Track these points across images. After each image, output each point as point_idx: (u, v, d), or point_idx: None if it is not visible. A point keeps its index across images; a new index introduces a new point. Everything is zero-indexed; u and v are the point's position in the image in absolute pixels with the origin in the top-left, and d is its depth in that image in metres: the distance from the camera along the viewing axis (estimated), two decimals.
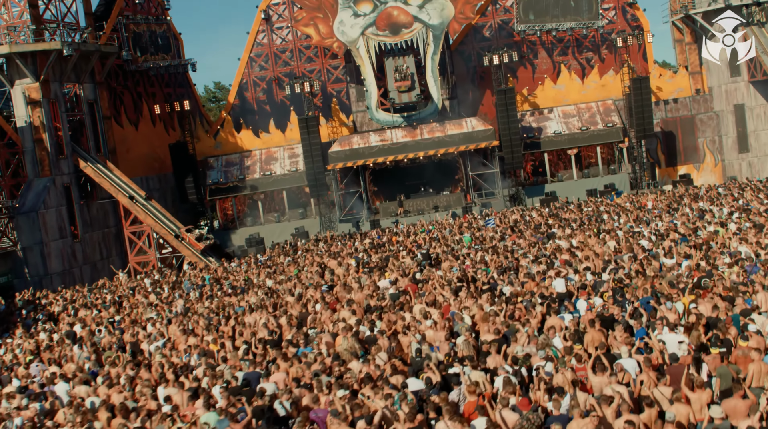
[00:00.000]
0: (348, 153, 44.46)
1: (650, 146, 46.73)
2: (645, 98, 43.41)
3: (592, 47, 48.45)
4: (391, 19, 43.90)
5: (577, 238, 26.18)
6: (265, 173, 46.61)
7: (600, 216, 31.45)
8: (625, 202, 35.77)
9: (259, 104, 49.32)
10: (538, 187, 45.88)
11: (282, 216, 47.15)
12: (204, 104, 68.33)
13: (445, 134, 44.30)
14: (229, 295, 25.74)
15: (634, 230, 26.35)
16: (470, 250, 27.32)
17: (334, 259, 29.80)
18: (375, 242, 33.19)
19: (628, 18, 48.05)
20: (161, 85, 47.39)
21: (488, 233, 30.52)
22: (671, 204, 32.23)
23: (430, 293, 20.51)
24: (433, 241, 30.36)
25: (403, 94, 43.78)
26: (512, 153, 43.40)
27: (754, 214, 26.08)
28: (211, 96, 71.16)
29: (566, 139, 45.63)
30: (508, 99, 43.04)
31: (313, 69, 49.12)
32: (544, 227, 30.43)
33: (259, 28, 48.84)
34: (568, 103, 47.35)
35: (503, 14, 48.38)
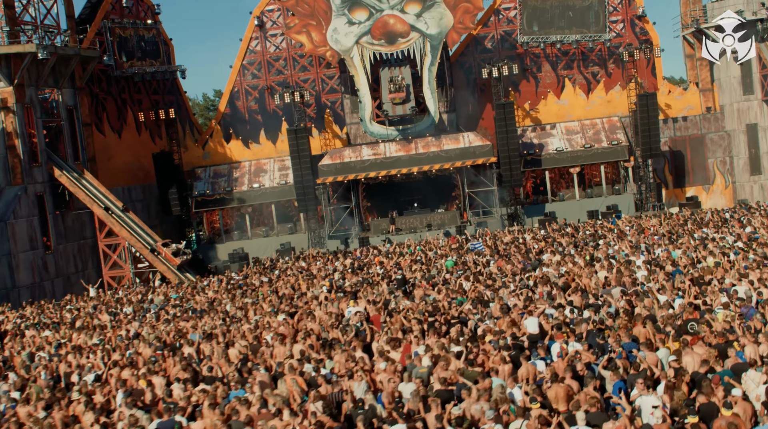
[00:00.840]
0: (339, 166, 42.54)
1: (657, 166, 44.54)
2: (652, 115, 41.27)
3: (599, 61, 46.38)
4: (387, 27, 42.05)
5: (567, 265, 24.08)
6: (253, 185, 44.79)
7: (596, 241, 29.31)
8: (626, 225, 33.60)
9: (250, 114, 47.55)
10: (538, 206, 43.76)
11: (270, 230, 45.27)
12: (202, 113, 66.87)
13: (440, 149, 42.32)
14: (187, 320, 23.78)
15: (629, 259, 24.21)
16: (451, 276, 25.27)
17: (308, 281, 27.86)
18: (356, 264, 31.21)
19: (637, 31, 45.97)
20: (148, 92, 45.69)
21: (475, 257, 28.45)
22: (673, 229, 30.04)
23: (395, 327, 18.49)
24: (415, 265, 28.32)
25: (398, 107, 41.84)
26: (511, 170, 41.34)
27: (759, 244, 23.87)
28: (209, 104, 69.53)
29: (568, 157, 43.51)
30: (508, 113, 41.02)
31: (308, 78, 47.30)
32: (535, 251, 28.37)
33: (252, 34, 47.12)
34: (571, 118, 45.27)
35: (506, 25, 46.42)
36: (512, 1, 45.86)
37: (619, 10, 45.99)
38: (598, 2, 44.37)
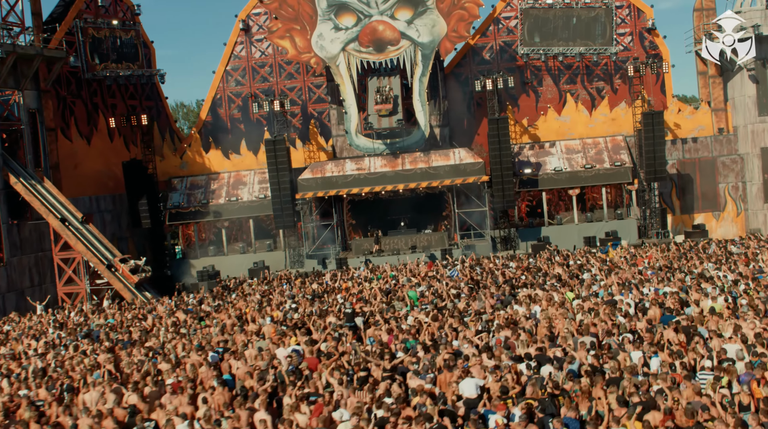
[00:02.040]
0: (320, 181, 39.79)
1: (664, 190, 41.41)
2: (658, 135, 38.20)
3: (604, 76, 43.36)
4: (375, 34, 39.33)
5: (541, 303, 21.13)
6: (230, 199, 42.10)
7: (584, 273, 26.30)
8: (622, 254, 30.53)
9: (233, 122, 44.97)
10: (533, 229, 40.73)
11: (248, 247, 42.56)
12: (195, 120, 64.37)
13: (429, 165, 39.46)
14: (110, 351, 21.04)
15: (614, 298, 21.22)
16: (411, 310, 22.39)
17: (259, 309, 25.07)
18: (319, 289, 28.40)
19: (646, 45, 42.94)
20: (124, 97, 43.23)
21: (446, 288, 25.53)
22: (671, 263, 26.96)
23: (321, 378, 15.68)
24: (380, 295, 25.43)
25: (384, 119, 39.01)
26: (503, 190, 38.38)
27: (763, 287, 20.79)
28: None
29: (567, 178, 40.48)
30: (501, 129, 38.10)
31: (294, 86, 44.66)
32: (516, 283, 25.45)
33: (237, 39, 44.60)
34: (572, 136, 42.27)
35: (506, 35, 43.55)
36: (513, 10, 43.04)
37: (628, 22, 43.00)
38: (605, 13, 41.43)
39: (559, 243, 37.78)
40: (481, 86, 39.00)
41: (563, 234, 39.58)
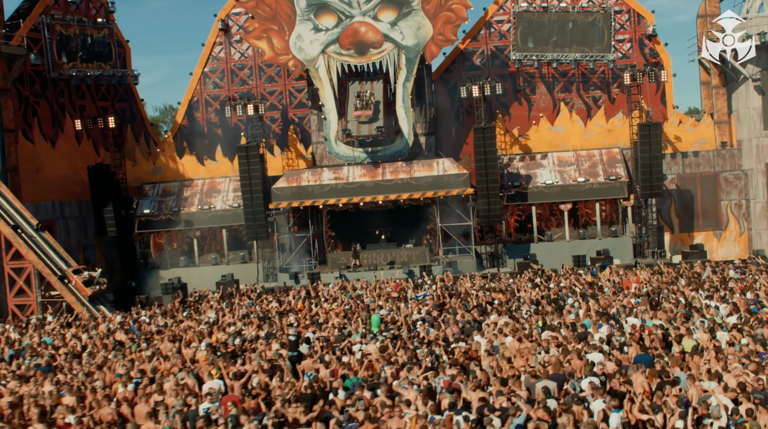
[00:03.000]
0: (295, 190, 37.55)
1: (662, 206, 38.96)
2: (654, 148, 35.78)
3: (601, 84, 40.96)
4: (357, 36, 37.13)
5: (503, 338, 18.78)
6: (203, 207, 39.90)
7: (564, 300, 23.91)
8: (609, 277, 28.11)
9: (210, 127, 42.80)
10: (521, 246, 38.33)
11: (220, 258, 40.34)
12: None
13: (410, 176, 37.17)
14: (26, 379, 18.81)
15: (588, 331, 18.87)
16: (365, 339, 20.08)
17: (201, 331, 22.82)
18: (272, 311, 26.13)
19: (646, 53, 40.53)
20: (94, 98, 41.13)
21: (409, 313, 23.20)
22: (659, 290, 24.52)
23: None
24: (335, 319, 23.11)
25: (363, 126, 36.72)
26: (489, 204, 36.03)
27: (757, 323, 18.37)
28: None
29: (558, 192, 38.07)
30: (488, 139, 35.77)
31: (274, 90, 42.48)
32: (488, 307, 23.12)
33: (216, 39, 42.48)
34: (566, 148, 39.87)
35: (498, 40, 41.23)
36: (506, 14, 40.75)
37: (627, 28, 40.63)
38: (603, 18, 39.10)
39: (547, 261, 35.44)
40: (467, 93, 36.67)
41: (553, 251, 37.19)
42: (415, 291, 27.82)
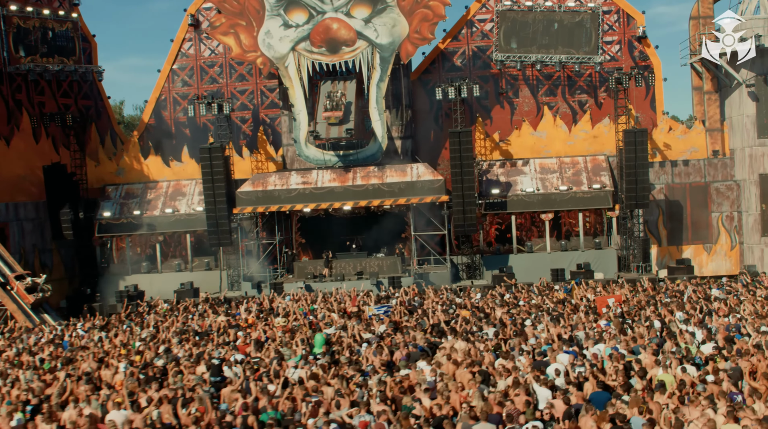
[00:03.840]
0: (261, 195, 35.59)
1: (650, 217, 36.94)
2: (640, 156, 33.77)
3: (588, 88, 38.94)
4: (329, 33, 35.20)
5: (451, 362, 16.80)
6: (165, 210, 37.94)
7: (531, 318, 21.88)
8: (583, 295, 26.06)
9: (178, 126, 40.82)
10: (500, 257, 36.32)
11: (185, 264, 38.37)
12: None
13: (382, 182, 35.19)
14: None
15: (546, 360, 16.88)
16: (302, 362, 18.09)
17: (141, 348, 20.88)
18: (214, 326, 24.13)
19: (635, 55, 38.54)
20: (55, 94, 39.18)
21: (357, 332, 21.19)
22: (636, 308, 22.48)
23: None
24: (276, 338, 21.11)
25: (333, 128, 34.74)
26: (465, 212, 34.03)
27: (734, 355, 16.35)
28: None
29: (539, 200, 36.07)
30: (464, 143, 33.78)
31: (245, 89, 40.51)
32: (447, 326, 21.14)
33: (185, 35, 40.53)
34: (549, 154, 37.88)
35: (480, 40, 39.24)
36: (488, 12, 38.79)
37: (616, 30, 38.62)
38: (591, 19, 37.12)
39: (525, 274, 33.53)
40: (442, 94, 34.71)
41: (533, 263, 35.16)
42: (378, 305, 25.80)
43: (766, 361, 15.60)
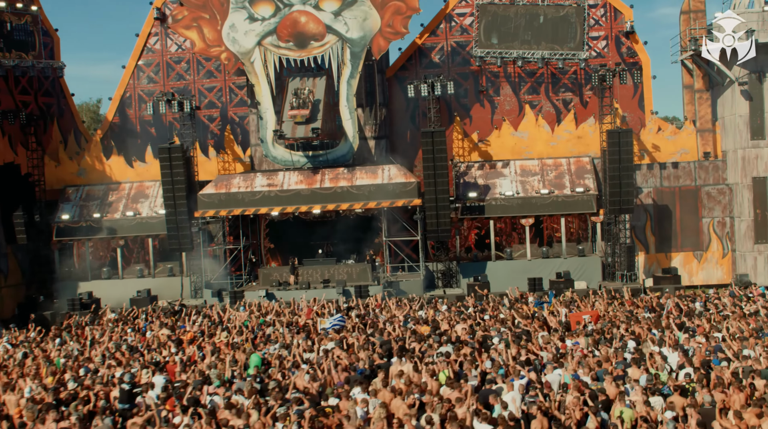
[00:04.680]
0: (223, 198, 33.65)
1: (637, 223, 34.93)
2: (625, 158, 31.76)
3: (573, 86, 36.94)
4: (296, 27, 33.27)
5: (388, 389, 14.88)
6: (126, 213, 36.02)
7: (486, 343, 19.84)
8: (553, 309, 24.03)
9: (142, 125, 38.88)
10: (478, 264, 34.34)
11: (147, 270, 36.46)
12: None
13: (351, 184, 33.23)
14: None
15: (494, 389, 14.91)
16: (228, 386, 16.16)
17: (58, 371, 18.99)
18: (150, 340, 22.22)
19: (623, 52, 36.53)
20: (12, 91, 37.26)
21: (297, 351, 19.24)
22: (606, 329, 20.47)
23: None
24: (208, 358, 19.15)
25: (300, 127, 32.76)
26: (438, 217, 32.06)
27: (713, 384, 14.38)
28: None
29: (519, 204, 34.08)
30: (437, 144, 31.81)
31: (213, 86, 38.58)
32: (398, 345, 19.18)
33: (151, 30, 38.62)
34: (530, 156, 35.90)
35: (459, 35, 37.26)
36: (468, 6, 36.78)
37: (603, 24, 36.62)
38: (576, 12, 35.14)
39: (502, 282, 31.55)
40: (414, 92, 32.77)
41: (511, 271, 33.20)
42: (332, 317, 23.82)
43: (742, 395, 13.64)
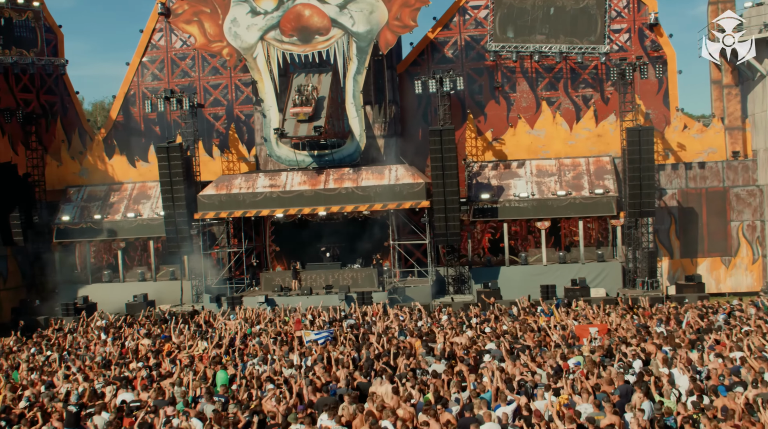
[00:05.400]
0: (224, 199, 32.36)
1: (660, 226, 32.97)
2: (645, 158, 29.80)
3: (593, 81, 35.04)
4: (300, 20, 31.88)
5: (358, 418, 13.33)
6: (127, 215, 34.92)
7: (479, 360, 18.16)
8: (559, 322, 22.24)
9: (147, 124, 37.82)
10: (491, 269, 32.63)
11: (148, 273, 35.34)
12: None
13: (356, 185, 31.71)
14: None
15: (475, 417, 13.30)
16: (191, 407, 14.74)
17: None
18: (141, 350, 20.92)
19: (647, 45, 34.53)
20: (12, 89, 36.37)
21: (268, 370, 17.76)
22: (622, 340, 18.67)
23: None
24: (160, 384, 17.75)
25: (302, 125, 31.34)
26: (447, 220, 30.41)
27: (719, 412, 12.61)
28: None
29: (534, 207, 32.29)
30: (446, 143, 30.14)
31: (219, 83, 37.35)
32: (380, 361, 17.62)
33: (155, 25, 37.50)
34: (547, 155, 34.10)
35: (473, 28, 35.56)
36: None
37: (625, 17, 34.66)
38: (597, 4, 33.24)
39: (515, 290, 29.91)
40: (422, 88, 31.18)
41: (526, 277, 31.48)
42: (322, 329, 22.33)
43: None
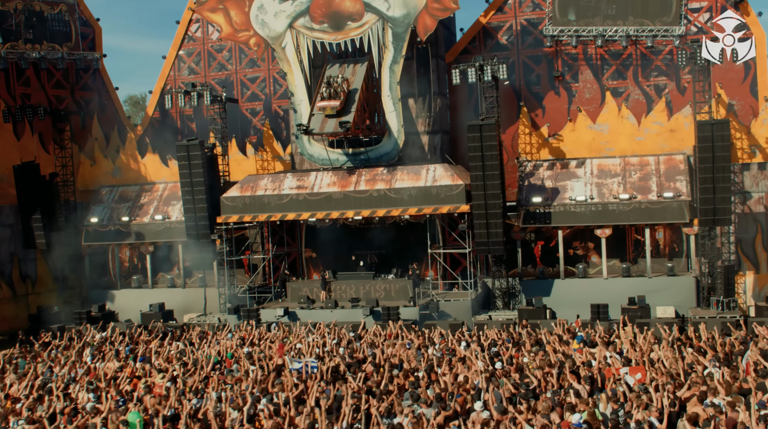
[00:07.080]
0: (248, 201, 29.83)
1: (744, 235, 28.41)
2: (720, 157, 25.36)
3: (667, 69, 30.68)
4: (331, 5, 29.03)
5: None
6: (156, 217, 32.93)
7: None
8: (603, 350, 18.42)
9: (183, 120, 35.82)
10: (543, 282, 28.88)
11: (177, 279, 33.29)
12: None
13: (389, 187, 28.53)
14: None
15: None
16: None
17: None
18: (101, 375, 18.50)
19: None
20: (44, 85, 35.01)
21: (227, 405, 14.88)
22: (655, 387, 14.86)
23: None
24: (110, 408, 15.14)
25: (330, 120, 28.40)
26: (488, 227, 26.87)
27: None
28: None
29: (593, 212, 28.30)
30: (486, 140, 26.56)
31: (256, 77, 34.92)
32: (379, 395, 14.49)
33: (192, 16, 35.43)
34: (611, 153, 30.00)
35: (530, 11, 31.79)
36: None
37: None
38: None
39: (569, 307, 26.06)
40: (460, 77, 27.73)
41: (583, 292, 27.53)
42: (310, 357, 19.31)
43: None
